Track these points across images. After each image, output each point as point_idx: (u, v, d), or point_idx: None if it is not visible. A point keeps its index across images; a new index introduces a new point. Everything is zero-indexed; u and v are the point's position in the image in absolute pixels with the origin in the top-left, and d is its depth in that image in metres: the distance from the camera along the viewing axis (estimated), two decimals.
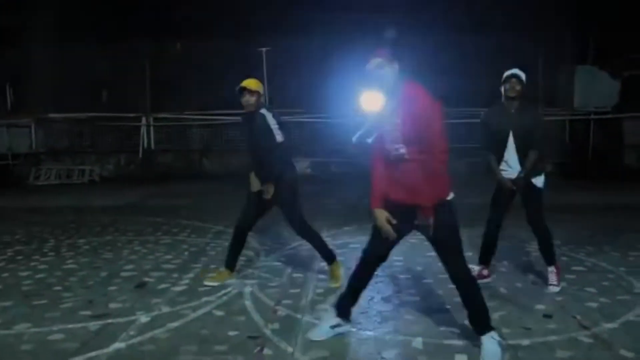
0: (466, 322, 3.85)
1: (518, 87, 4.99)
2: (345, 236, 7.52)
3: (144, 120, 16.28)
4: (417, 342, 3.90)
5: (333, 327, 4.02)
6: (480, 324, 3.69)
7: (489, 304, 4.21)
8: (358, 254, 4.11)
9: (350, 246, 6.96)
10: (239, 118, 5.24)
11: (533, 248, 6.14)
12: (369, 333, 4.09)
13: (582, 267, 5.89)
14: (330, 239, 7.27)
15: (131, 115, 16.22)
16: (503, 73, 5.09)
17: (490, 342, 3.61)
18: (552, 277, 5.11)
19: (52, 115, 16.22)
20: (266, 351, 3.80)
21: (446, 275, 3.83)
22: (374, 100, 8.27)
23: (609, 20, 14.41)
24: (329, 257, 5.39)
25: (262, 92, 5.23)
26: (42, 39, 16.65)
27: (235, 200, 5.19)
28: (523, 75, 5.03)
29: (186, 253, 6.73)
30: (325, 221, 8.39)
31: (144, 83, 16.33)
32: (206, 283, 5.33)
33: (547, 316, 4.39)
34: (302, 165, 15.92)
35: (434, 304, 4.77)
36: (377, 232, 3.78)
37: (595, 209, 9.86)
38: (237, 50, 15.54)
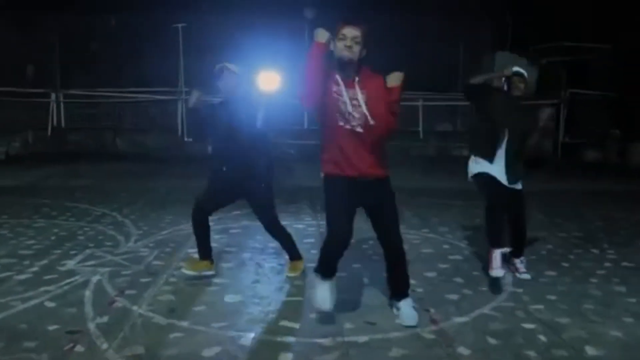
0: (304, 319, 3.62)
1: (522, 86, 4.83)
2: (229, 221, 7.19)
3: (53, 96, 15.46)
4: (247, 339, 3.64)
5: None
6: (404, 290, 4.02)
7: (343, 296, 4.04)
8: (238, 239, 3.86)
9: (230, 231, 6.67)
10: (151, 96, 4.71)
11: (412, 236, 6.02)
12: (199, 328, 3.80)
13: (459, 256, 5.78)
14: (212, 224, 7.02)
15: (40, 91, 15.39)
16: (426, 56, 4.78)
17: (408, 307, 3.96)
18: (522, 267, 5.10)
19: None
20: (78, 348, 3.47)
21: None
22: (272, 80, 7.92)
23: (526, 8, 14.48)
24: (296, 255, 5.05)
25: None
26: None
27: (138, 182, 4.75)
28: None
29: (53, 238, 6.29)
30: None
31: (53, 58, 15.51)
32: (183, 271, 4.86)
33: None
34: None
35: (275, 302, 4.53)
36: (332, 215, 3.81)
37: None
38: (152, 26, 14.89)
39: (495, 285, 4.71)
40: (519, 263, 5.13)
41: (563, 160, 15.98)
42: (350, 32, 3.53)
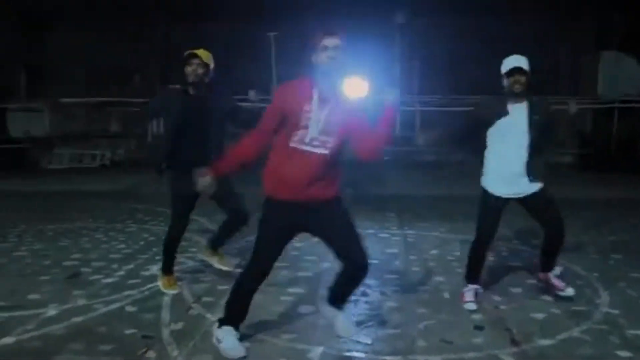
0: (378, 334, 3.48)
1: (523, 80, 4.22)
2: None
3: None
4: (315, 353, 3.55)
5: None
6: (343, 304, 3.79)
7: (421, 310, 3.84)
8: (318, 249, 4.06)
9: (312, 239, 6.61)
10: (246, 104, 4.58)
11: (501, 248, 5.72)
12: (268, 339, 3.75)
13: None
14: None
15: (142, 100, 16.13)
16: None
17: (347, 319, 3.80)
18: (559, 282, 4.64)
19: (66, 99, 16.27)
20: (150, 354, 3.53)
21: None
22: (360, 86, 7.82)
23: (635, 3, 13.50)
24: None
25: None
26: (61, 24, 16.72)
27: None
28: (526, 64, 4.23)
29: (142, 242, 6.52)
30: None
31: (154, 68, 16.26)
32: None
33: (478, 328, 3.95)
34: None
35: (355, 313, 4.40)
36: (262, 247, 3.52)
37: (600, 205, 9.24)
38: (246, 35, 15.24)
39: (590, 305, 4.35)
40: (555, 279, 4.63)
41: None
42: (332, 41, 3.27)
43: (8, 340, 3.74)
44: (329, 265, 5.52)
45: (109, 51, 15.94)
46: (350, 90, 7.31)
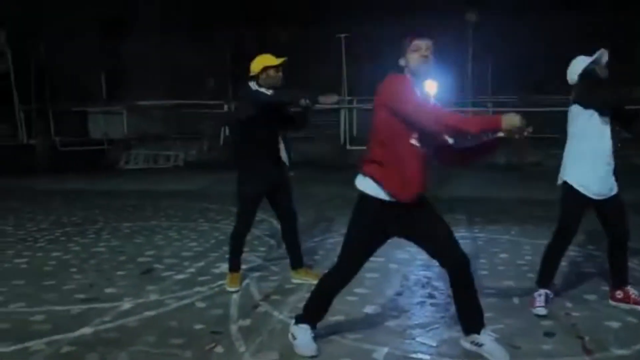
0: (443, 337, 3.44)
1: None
2: None
3: (225, 107, 16.58)
4: (380, 353, 3.54)
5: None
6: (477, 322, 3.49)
7: (489, 314, 3.75)
8: (386, 249, 3.93)
9: None
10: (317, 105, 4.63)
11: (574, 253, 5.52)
12: (334, 338, 3.77)
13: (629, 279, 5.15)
14: None
15: (214, 102, 16.60)
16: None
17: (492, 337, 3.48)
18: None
19: (142, 102, 16.92)
20: (218, 349, 3.62)
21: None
22: (430, 86, 7.77)
23: None
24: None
25: None
26: (136, 30, 17.39)
27: (299, 189, 4.95)
28: None
29: (213, 241, 6.69)
30: None
31: (226, 72, 16.64)
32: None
33: (548, 335, 3.83)
34: None
35: (415, 317, 4.36)
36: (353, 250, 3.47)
37: None
38: (316, 37, 15.36)
39: None
40: (634, 293, 4.34)
41: None
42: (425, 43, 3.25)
43: (87, 330, 3.94)
44: (396, 267, 5.52)
45: (183, 56, 16.43)
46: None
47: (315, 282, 4.84)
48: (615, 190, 4.14)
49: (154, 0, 17.24)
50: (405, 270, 5.43)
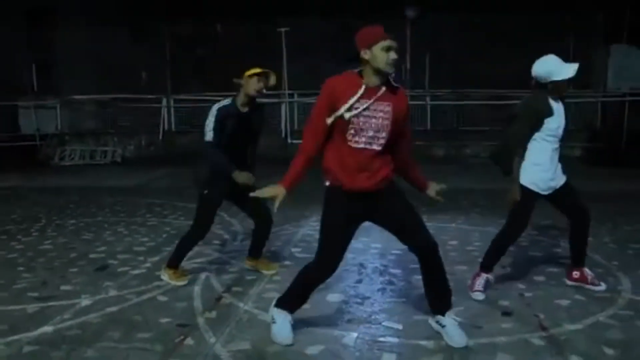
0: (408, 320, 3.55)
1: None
2: None
3: (164, 101, 16.28)
4: (350, 338, 3.63)
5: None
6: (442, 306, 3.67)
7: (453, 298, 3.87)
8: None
9: None
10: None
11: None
12: (301, 325, 3.82)
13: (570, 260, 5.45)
14: (316, 224, 7.10)
15: (152, 96, 16.25)
16: (534, 52, 4.49)
17: (456, 323, 3.64)
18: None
19: (76, 97, 16.37)
20: (188, 341, 3.61)
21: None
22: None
23: None
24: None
25: None
26: (68, 22, 16.80)
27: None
28: None
29: (164, 235, 6.61)
30: None
31: (164, 65, 16.35)
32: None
33: (507, 314, 4.03)
34: None
35: (377, 303, 4.48)
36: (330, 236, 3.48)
37: (613, 197, 9.28)
38: (256, 31, 15.33)
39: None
40: (590, 274, 4.61)
41: None
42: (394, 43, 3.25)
43: (47, 328, 3.84)
44: (353, 256, 5.61)
45: (116, 48, 16.01)
46: None
47: (265, 272, 4.93)
48: (564, 178, 4.39)
49: None
50: (362, 259, 5.55)
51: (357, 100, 3.23)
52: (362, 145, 3.31)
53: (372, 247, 5.96)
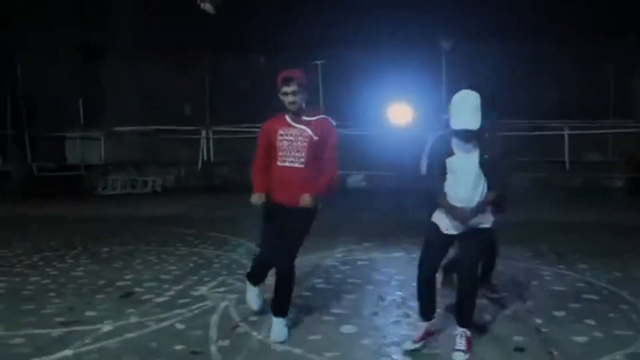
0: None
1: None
2: (358, 252, 7.30)
3: (203, 133, 16.70)
4: None
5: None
6: (285, 310, 4.34)
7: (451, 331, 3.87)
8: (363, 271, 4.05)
9: (358, 263, 6.75)
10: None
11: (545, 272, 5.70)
12: (312, 356, 3.87)
13: (596, 296, 5.34)
14: (340, 255, 7.16)
15: (191, 128, 16.69)
16: (573, 81, 4.34)
17: (281, 324, 4.27)
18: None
19: (119, 128, 16.96)
20: None
21: None
22: (404, 113, 7.94)
23: None
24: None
25: None
26: (114, 56, 17.50)
27: None
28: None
29: (191, 265, 6.75)
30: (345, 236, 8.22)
31: (204, 96, 16.81)
32: None
33: (519, 349, 3.98)
34: (357, 179, 15.79)
35: (390, 335, 4.48)
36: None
37: None
38: (293, 63, 15.56)
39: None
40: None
41: None
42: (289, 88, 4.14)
43: (67, 352, 3.98)
44: (372, 288, 5.64)
45: (161, 81, 16.56)
46: (395, 117, 7.54)
47: None
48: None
49: (131, 25, 17.32)
50: (381, 291, 5.56)
51: (283, 130, 4.23)
52: (287, 164, 4.22)
53: (394, 279, 5.97)
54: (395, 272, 6.29)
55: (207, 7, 15.69)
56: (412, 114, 6.63)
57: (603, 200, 13.11)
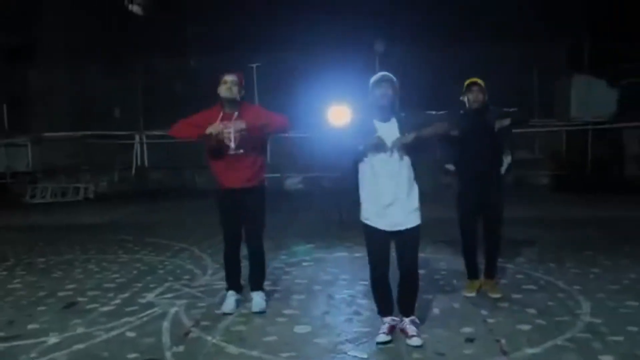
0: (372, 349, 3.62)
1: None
2: (302, 254, 7.36)
3: (137, 137, 16.33)
4: None
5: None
6: (261, 284, 5.06)
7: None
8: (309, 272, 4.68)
9: (303, 264, 6.80)
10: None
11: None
12: (268, 357, 3.88)
13: (534, 286, 5.60)
14: (284, 257, 7.19)
15: (125, 132, 16.29)
16: (499, 83, 4.94)
17: (259, 297, 4.95)
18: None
19: (47, 134, 16.34)
20: None
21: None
22: (342, 114, 8.03)
23: (605, 29, 14.08)
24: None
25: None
26: (42, 59, 16.84)
27: (216, 217, 5.08)
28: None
29: (135, 272, 6.60)
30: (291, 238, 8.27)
31: (137, 101, 16.44)
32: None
33: (469, 340, 4.13)
34: (294, 181, 15.81)
35: (344, 333, 4.56)
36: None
37: (576, 223, 9.55)
38: (227, 66, 15.47)
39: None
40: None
41: None
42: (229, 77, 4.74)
43: None
44: (320, 287, 5.70)
45: (92, 85, 16.07)
46: (335, 118, 7.82)
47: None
48: None
49: (60, 26, 16.71)
50: (330, 290, 5.63)
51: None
52: (231, 152, 4.71)
53: (340, 278, 6.05)
54: (339, 271, 6.38)
55: (135, 8, 15.42)
56: (350, 115, 6.78)
57: (531, 196, 13.67)
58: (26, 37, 16.67)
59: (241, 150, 4.73)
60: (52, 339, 4.36)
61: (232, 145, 4.69)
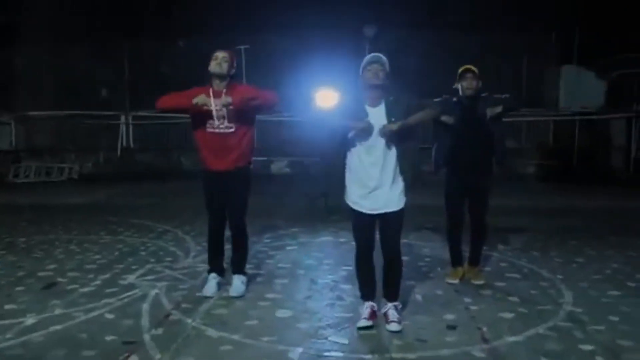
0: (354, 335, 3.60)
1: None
2: (287, 238, 7.31)
3: (122, 118, 16.15)
4: (295, 353, 3.66)
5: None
6: (242, 267, 5.04)
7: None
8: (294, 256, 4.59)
9: (287, 248, 6.76)
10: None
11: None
12: (249, 341, 3.85)
13: (518, 274, 5.61)
14: (269, 240, 7.15)
15: (110, 113, 16.11)
16: (488, 71, 4.89)
17: (239, 280, 4.94)
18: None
19: (32, 113, 16.11)
20: (133, 358, 3.59)
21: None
22: (330, 98, 7.95)
23: (595, 20, 14.09)
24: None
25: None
26: (27, 38, 16.57)
27: (200, 200, 5.03)
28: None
29: (116, 253, 6.53)
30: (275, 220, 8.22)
31: (123, 81, 16.23)
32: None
33: (451, 327, 4.12)
34: (280, 165, 15.74)
35: (325, 318, 4.53)
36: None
37: (562, 212, 9.58)
38: (216, 48, 15.31)
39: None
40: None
41: (635, 176, 15.32)
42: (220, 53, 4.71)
43: None
44: (304, 272, 5.68)
45: (77, 65, 15.84)
46: (322, 102, 7.77)
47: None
48: None
49: (45, 5, 16.44)
50: (313, 274, 5.60)
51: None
52: (217, 130, 4.69)
53: (324, 263, 6.02)
54: (323, 255, 6.36)
55: None
56: (339, 98, 6.73)
57: (517, 186, 13.69)
58: (11, 16, 16.37)
59: (232, 129, 4.68)
60: (30, 320, 4.29)
61: (216, 120, 4.65)
